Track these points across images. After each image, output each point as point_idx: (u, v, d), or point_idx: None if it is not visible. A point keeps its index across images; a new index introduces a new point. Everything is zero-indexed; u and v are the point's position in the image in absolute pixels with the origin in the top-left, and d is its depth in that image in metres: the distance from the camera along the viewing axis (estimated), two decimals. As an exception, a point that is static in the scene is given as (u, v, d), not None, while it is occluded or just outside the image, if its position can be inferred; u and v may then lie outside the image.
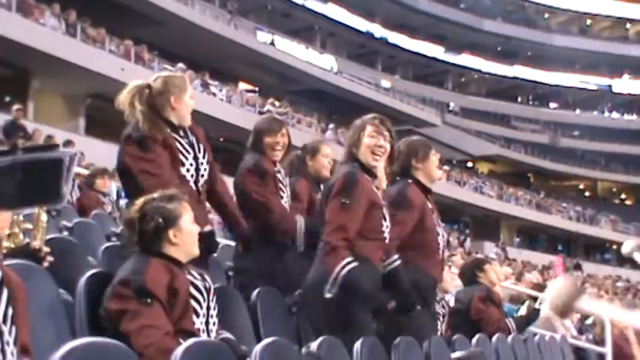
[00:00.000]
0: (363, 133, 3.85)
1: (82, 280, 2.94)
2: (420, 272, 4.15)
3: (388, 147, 3.88)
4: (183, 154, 3.76)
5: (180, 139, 3.77)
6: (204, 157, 3.86)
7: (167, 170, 3.67)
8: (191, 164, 3.78)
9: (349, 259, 3.62)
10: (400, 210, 4.06)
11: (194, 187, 3.78)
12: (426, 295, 4.19)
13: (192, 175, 3.79)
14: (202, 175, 3.84)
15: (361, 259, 3.69)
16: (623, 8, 48.67)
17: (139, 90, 3.76)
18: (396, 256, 4.02)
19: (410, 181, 4.24)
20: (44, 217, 3.17)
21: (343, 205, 3.67)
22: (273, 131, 4.51)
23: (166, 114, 3.77)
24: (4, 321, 2.15)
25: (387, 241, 3.85)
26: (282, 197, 4.45)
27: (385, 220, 3.83)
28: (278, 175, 4.47)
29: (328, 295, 3.59)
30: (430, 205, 4.29)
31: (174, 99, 3.77)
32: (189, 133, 3.84)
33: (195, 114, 3.92)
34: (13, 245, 2.96)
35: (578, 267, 30.89)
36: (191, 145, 3.81)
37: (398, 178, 4.23)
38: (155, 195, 3.07)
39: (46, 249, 3.09)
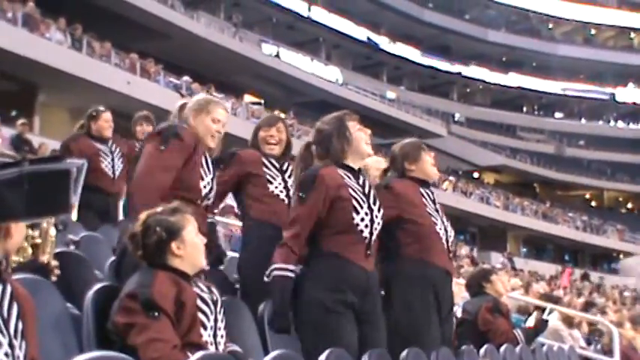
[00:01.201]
0: (349, 131, 3.81)
1: (90, 294, 2.94)
2: (419, 262, 4.12)
3: None
4: (205, 172, 3.85)
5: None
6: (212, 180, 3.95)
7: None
8: (208, 182, 3.86)
9: (289, 265, 3.60)
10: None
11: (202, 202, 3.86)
12: (436, 287, 4.16)
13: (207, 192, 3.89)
14: (212, 191, 3.93)
15: (337, 258, 3.65)
16: (628, 18, 48.72)
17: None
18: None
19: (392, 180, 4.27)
20: (53, 231, 3.17)
21: (300, 199, 3.67)
22: (267, 125, 4.56)
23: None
24: (15, 336, 2.15)
25: (364, 234, 3.73)
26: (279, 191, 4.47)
27: (358, 213, 3.72)
28: (268, 166, 4.49)
29: (265, 279, 3.61)
30: (430, 196, 4.27)
31: (192, 117, 3.90)
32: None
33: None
34: (22, 259, 2.97)
35: (585, 277, 30.81)
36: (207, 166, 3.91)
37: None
38: (158, 209, 3.08)
39: (55, 263, 3.10)
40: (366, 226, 3.74)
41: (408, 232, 4.12)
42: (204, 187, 3.83)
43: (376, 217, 3.80)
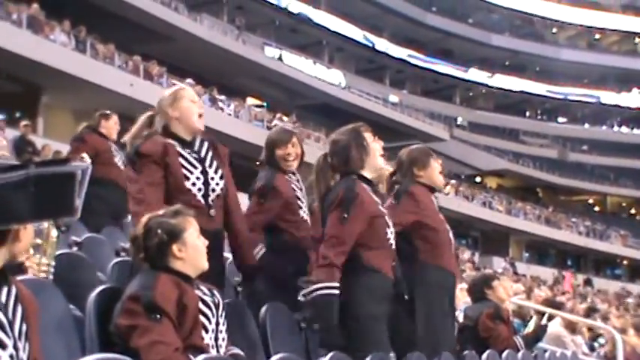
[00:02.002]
0: (366, 143, 3.85)
1: (92, 296, 2.94)
2: (438, 268, 4.16)
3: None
4: (187, 169, 3.77)
5: (186, 153, 3.79)
6: (215, 172, 3.85)
7: (150, 191, 3.69)
8: (197, 178, 3.77)
9: (335, 284, 3.61)
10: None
11: (202, 201, 3.77)
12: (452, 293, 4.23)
13: (199, 189, 3.78)
14: (213, 190, 3.83)
15: (375, 272, 3.72)
16: (632, 22, 48.70)
17: (149, 119, 3.91)
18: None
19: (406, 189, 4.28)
20: (54, 232, 3.18)
21: (342, 219, 3.67)
22: (282, 143, 4.51)
23: (174, 129, 3.81)
24: (19, 337, 2.15)
25: (392, 247, 3.84)
26: (300, 207, 4.46)
27: (389, 227, 3.82)
28: (293, 186, 4.48)
29: (301, 299, 3.68)
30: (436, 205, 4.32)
31: (172, 109, 3.82)
32: (202, 148, 3.86)
33: (204, 129, 3.93)
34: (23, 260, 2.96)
35: (588, 282, 30.77)
36: (199, 159, 3.82)
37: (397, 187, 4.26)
38: (160, 212, 3.09)
39: (50, 268, 3.12)
40: (392, 239, 3.86)
41: (425, 238, 4.15)
42: (194, 184, 3.77)
43: (392, 230, 3.90)
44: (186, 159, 3.78)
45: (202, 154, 3.85)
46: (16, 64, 19.09)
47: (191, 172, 3.77)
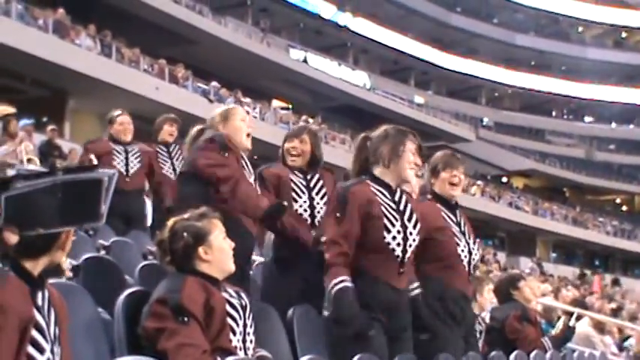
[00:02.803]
0: (403, 149, 3.81)
1: (120, 299, 2.96)
2: (442, 285, 4.09)
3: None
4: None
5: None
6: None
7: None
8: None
9: (342, 277, 3.57)
10: None
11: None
12: (453, 307, 4.13)
13: None
14: None
15: (366, 276, 3.65)
16: (659, 20, 48.21)
17: (198, 133, 4.19)
18: (415, 285, 3.95)
19: (428, 197, 4.24)
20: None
21: (337, 219, 3.65)
22: (292, 135, 4.54)
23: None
24: (54, 341, 2.17)
25: (396, 253, 3.70)
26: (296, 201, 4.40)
27: (389, 231, 3.69)
28: (295, 182, 4.43)
29: (325, 313, 3.61)
30: (453, 218, 4.22)
31: (222, 127, 4.08)
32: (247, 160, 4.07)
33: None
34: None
35: (616, 282, 30.51)
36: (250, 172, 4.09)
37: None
38: (185, 215, 3.10)
39: (68, 266, 3.14)
40: (398, 244, 3.71)
41: (428, 250, 4.05)
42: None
43: (410, 234, 3.75)
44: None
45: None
46: (43, 69, 19.26)
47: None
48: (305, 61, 33.61)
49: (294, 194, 4.38)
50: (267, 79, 30.66)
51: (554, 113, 49.21)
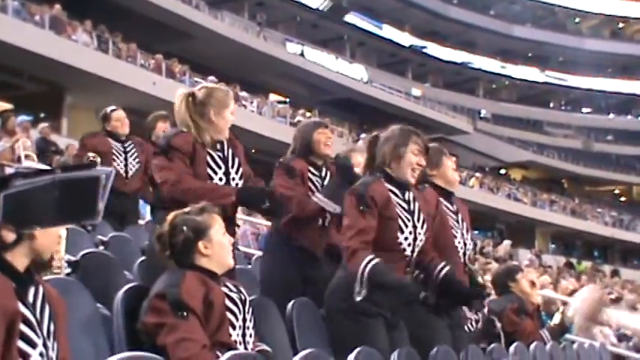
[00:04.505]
0: (405, 149, 3.84)
1: (119, 295, 2.96)
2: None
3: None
4: (212, 169, 3.77)
5: (212, 152, 3.79)
6: (237, 173, 3.86)
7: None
8: (220, 179, 3.78)
9: (371, 256, 3.62)
10: None
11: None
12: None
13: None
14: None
15: None
16: (656, 10, 48.16)
17: (185, 97, 3.81)
18: (443, 264, 4.01)
19: (427, 185, 4.24)
20: (63, 231, 3.20)
21: (361, 211, 3.67)
22: (322, 126, 4.63)
23: (205, 124, 3.79)
24: (48, 336, 2.18)
25: (406, 252, 3.80)
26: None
27: (402, 232, 3.77)
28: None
29: (359, 298, 3.62)
30: (451, 207, 4.27)
31: (214, 112, 3.79)
32: (225, 147, 3.85)
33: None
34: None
35: (615, 273, 30.53)
36: (224, 159, 3.82)
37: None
38: (186, 209, 3.09)
39: (64, 264, 3.14)
40: (409, 244, 3.81)
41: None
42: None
43: (419, 234, 3.85)
44: (212, 158, 3.80)
45: (226, 154, 3.87)
46: (40, 64, 19.24)
47: (215, 173, 3.78)
48: (302, 54, 33.58)
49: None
50: (265, 73, 30.63)
51: (551, 104, 49.20)
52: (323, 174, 4.51)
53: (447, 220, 4.22)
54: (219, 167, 3.78)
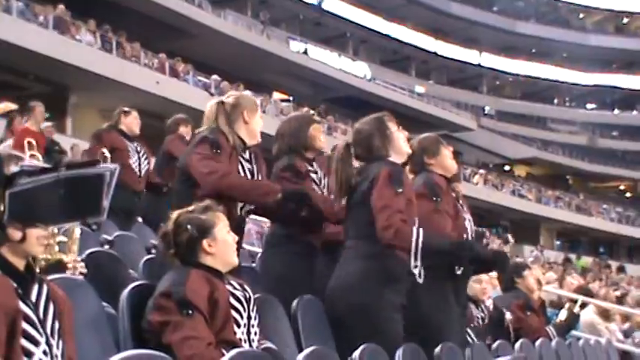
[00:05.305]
0: (389, 129, 3.88)
1: (125, 293, 2.96)
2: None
3: None
4: (245, 173, 3.87)
5: (243, 161, 3.86)
6: None
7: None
8: None
9: (416, 232, 3.63)
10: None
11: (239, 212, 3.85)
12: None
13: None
14: None
15: (396, 258, 3.70)
16: (660, 5, 48.01)
17: (217, 105, 3.90)
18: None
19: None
20: (77, 231, 3.21)
21: (397, 193, 3.67)
22: (317, 121, 4.69)
23: (238, 128, 3.86)
24: (52, 335, 2.18)
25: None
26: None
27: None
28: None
29: (420, 280, 3.68)
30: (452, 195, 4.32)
31: (247, 115, 3.89)
32: (253, 159, 3.93)
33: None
34: (49, 256, 2.99)
35: (621, 269, 30.49)
36: (251, 170, 3.90)
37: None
38: (189, 208, 3.10)
39: (80, 263, 3.14)
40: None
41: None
42: None
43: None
44: (243, 168, 3.87)
45: (253, 165, 3.95)
46: (44, 65, 19.27)
47: None
48: (305, 52, 33.57)
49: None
50: (268, 72, 30.63)
51: (555, 101, 49.11)
52: (315, 167, 4.49)
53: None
54: (246, 175, 3.86)
